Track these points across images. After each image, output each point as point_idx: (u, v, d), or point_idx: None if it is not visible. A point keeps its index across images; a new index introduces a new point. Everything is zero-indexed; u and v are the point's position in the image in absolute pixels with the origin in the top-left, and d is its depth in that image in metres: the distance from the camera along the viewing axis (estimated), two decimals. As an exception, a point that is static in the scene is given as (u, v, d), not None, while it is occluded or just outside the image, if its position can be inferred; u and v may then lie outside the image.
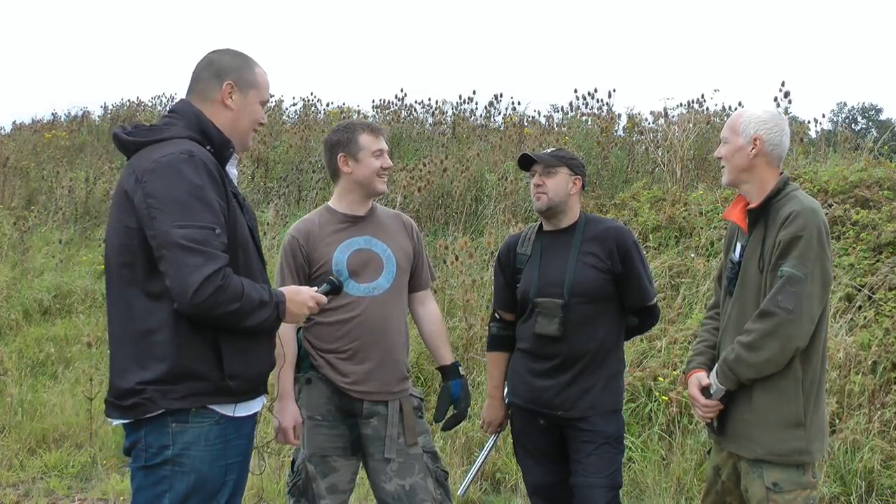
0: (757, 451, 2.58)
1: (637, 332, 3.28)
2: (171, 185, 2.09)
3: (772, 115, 2.71)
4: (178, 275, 2.04)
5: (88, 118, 14.11)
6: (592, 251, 3.04)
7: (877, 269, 5.36)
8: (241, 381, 2.20)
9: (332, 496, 2.98)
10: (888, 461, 4.12)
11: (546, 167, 3.08)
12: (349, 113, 11.56)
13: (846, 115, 28.21)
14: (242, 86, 2.33)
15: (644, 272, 3.06)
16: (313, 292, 2.40)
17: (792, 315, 2.47)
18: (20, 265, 8.17)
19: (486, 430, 3.31)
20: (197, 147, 2.19)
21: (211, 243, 2.07)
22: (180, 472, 2.13)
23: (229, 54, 2.37)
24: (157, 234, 2.07)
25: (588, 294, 3.00)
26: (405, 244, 3.13)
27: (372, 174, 3.02)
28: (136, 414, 2.13)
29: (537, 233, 3.19)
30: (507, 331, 3.22)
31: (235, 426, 2.22)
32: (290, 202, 9.14)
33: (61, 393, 5.74)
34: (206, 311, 2.06)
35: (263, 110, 2.42)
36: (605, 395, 3.03)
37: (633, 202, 7.22)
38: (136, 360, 2.14)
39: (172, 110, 2.33)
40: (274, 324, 2.24)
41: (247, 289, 2.13)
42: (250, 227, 2.32)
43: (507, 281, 3.20)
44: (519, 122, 10.78)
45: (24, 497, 4.53)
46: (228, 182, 2.26)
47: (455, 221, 7.89)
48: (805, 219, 2.51)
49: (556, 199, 3.07)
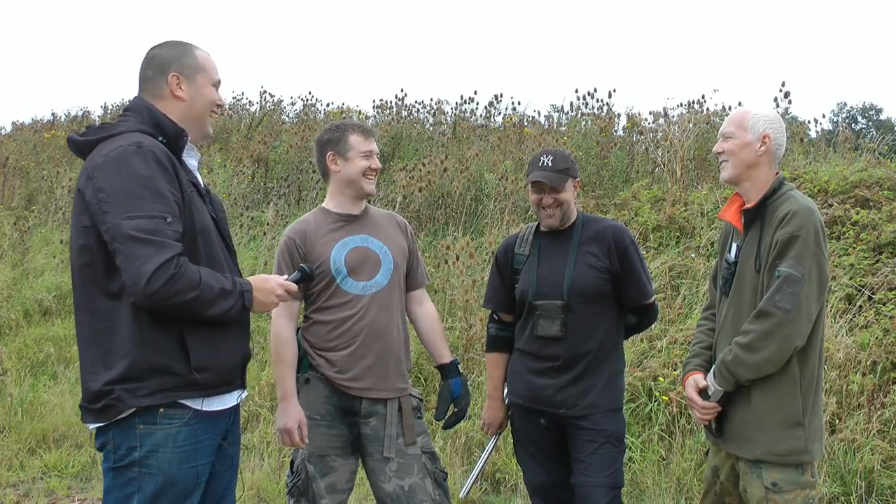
0: (756, 452, 2.58)
1: (636, 330, 3.27)
2: (119, 177, 2.08)
3: (776, 115, 2.75)
4: (130, 267, 2.03)
5: (88, 118, 14.11)
6: (591, 251, 3.03)
7: (877, 269, 5.36)
8: (210, 374, 2.18)
9: (331, 496, 2.97)
10: (888, 461, 4.12)
11: (555, 185, 3.02)
12: (349, 113, 11.55)
13: (846, 115, 28.21)
14: (187, 73, 2.33)
15: (642, 270, 3.06)
16: (282, 280, 2.37)
17: (790, 315, 2.47)
18: (20, 265, 8.17)
19: (487, 431, 3.30)
20: (146, 138, 2.18)
21: (162, 232, 2.06)
22: (147, 474, 2.13)
23: (168, 46, 2.37)
24: (109, 228, 2.06)
25: (587, 294, 2.99)
26: (401, 243, 3.14)
27: (358, 174, 3.02)
28: (109, 416, 2.12)
29: (535, 233, 3.18)
30: (507, 331, 3.21)
31: (206, 425, 2.20)
32: (290, 202, 9.13)
33: (61, 393, 5.74)
34: (161, 302, 2.05)
35: (218, 91, 2.40)
36: (607, 394, 3.02)
37: (633, 202, 7.22)
38: (101, 361, 2.13)
39: (126, 108, 2.33)
40: (240, 313, 2.22)
41: (204, 277, 2.11)
42: (215, 217, 2.31)
43: (504, 281, 3.19)
44: (519, 123, 10.78)
45: (24, 497, 4.53)
46: (186, 172, 2.26)
47: (455, 221, 7.89)
48: (802, 218, 2.51)
49: (567, 212, 3.08)
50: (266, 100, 13.10)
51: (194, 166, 2.37)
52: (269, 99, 13.13)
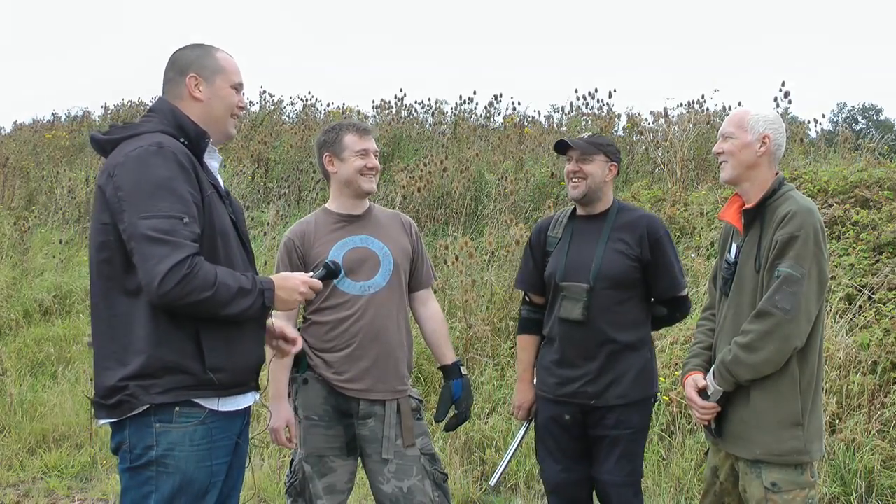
0: (755, 452, 2.58)
1: (666, 322, 3.27)
2: (138, 176, 2.09)
3: (776, 115, 2.75)
4: (145, 266, 2.04)
5: (89, 118, 14.13)
6: (622, 238, 3.04)
7: (877, 269, 5.35)
8: (225, 375, 2.18)
9: (330, 496, 2.97)
10: (888, 461, 4.12)
11: (583, 154, 3.08)
12: (349, 113, 11.56)
13: (846, 115, 28.22)
14: (206, 75, 2.33)
15: (675, 262, 3.07)
16: (306, 277, 2.37)
17: (789, 315, 2.47)
18: (20, 265, 8.17)
19: (517, 415, 3.29)
20: (167, 139, 2.19)
21: (178, 232, 2.06)
22: (165, 473, 2.13)
23: (189, 48, 2.38)
24: (127, 227, 2.07)
25: (614, 280, 3.00)
26: (404, 243, 3.13)
27: (355, 173, 3.02)
28: (122, 412, 2.12)
29: (570, 217, 3.20)
30: (538, 314, 3.22)
31: (222, 425, 2.21)
32: (290, 202, 9.14)
33: (61, 393, 5.73)
34: (176, 301, 2.05)
35: (240, 94, 2.40)
36: (638, 385, 3.03)
37: (633, 202, 7.22)
38: (116, 357, 2.14)
39: (150, 109, 2.35)
40: (260, 311, 2.22)
41: (221, 277, 2.10)
42: (234, 219, 2.32)
43: (536, 263, 3.21)
44: (519, 123, 10.80)
45: (24, 497, 4.53)
46: (207, 173, 2.26)
47: (455, 221, 7.89)
48: (801, 219, 2.51)
49: (593, 186, 3.08)
50: (266, 100, 13.11)
51: (215, 168, 2.37)
52: (269, 99, 13.14)
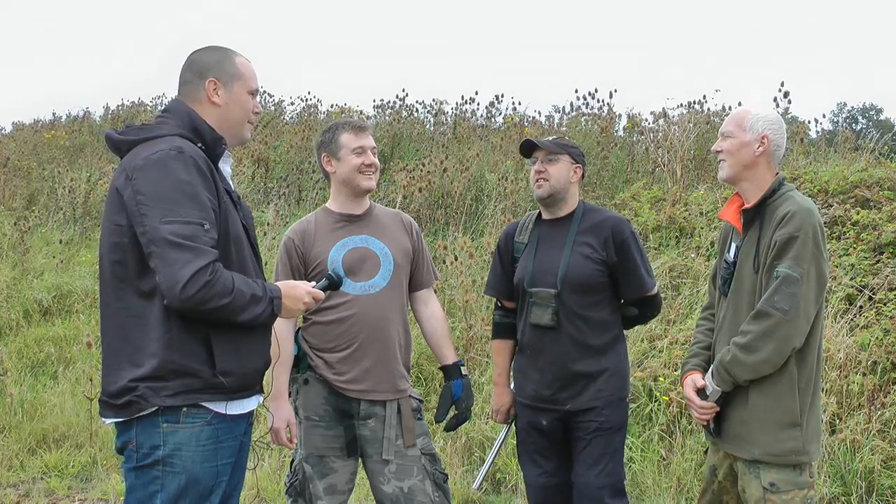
0: (754, 452, 2.58)
1: (638, 321, 3.27)
2: (159, 181, 2.10)
3: (777, 116, 2.74)
4: (166, 271, 2.04)
5: (89, 118, 14.14)
6: (588, 241, 3.05)
7: (877, 269, 5.35)
8: (233, 379, 2.19)
9: (331, 496, 2.97)
10: (888, 461, 4.12)
11: (548, 154, 3.11)
12: (350, 113, 11.56)
13: (846, 116, 28.23)
14: (225, 79, 2.33)
15: (641, 262, 3.07)
16: (310, 287, 2.39)
17: (788, 315, 2.47)
18: (20, 265, 8.17)
19: (496, 418, 3.32)
20: (187, 144, 2.20)
21: (200, 238, 2.07)
22: (171, 473, 2.13)
23: (208, 51, 2.38)
24: (147, 231, 2.07)
25: (581, 284, 3.01)
26: (404, 243, 3.13)
27: (352, 171, 3.02)
28: (130, 412, 2.13)
29: (535, 221, 3.22)
30: (510, 318, 3.24)
31: (227, 426, 2.22)
32: (290, 202, 9.14)
33: (61, 393, 5.74)
34: (196, 307, 2.06)
35: (255, 99, 2.41)
36: (610, 385, 3.03)
37: (633, 202, 7.23)
38: (128, 357, 2.14)
39: (165, 110, 2.35)
40: (269, 319, 2.24)
41: (237, 284, 2.12)
42: (245, 225, 2.33)
43: (505, 268, 3.23)
44: (519, 123, 10.80)
45: (25, 497, 4.54)
46: (221, 179, 2.26)
47: (455, 221, 7.89)
48: (801, 219, 2.51)
49: (557, 187, 3.10)
50: (266, 100, 13.11)
51: (228, 173, 2.38)
52: (269, 99, 13.14)
